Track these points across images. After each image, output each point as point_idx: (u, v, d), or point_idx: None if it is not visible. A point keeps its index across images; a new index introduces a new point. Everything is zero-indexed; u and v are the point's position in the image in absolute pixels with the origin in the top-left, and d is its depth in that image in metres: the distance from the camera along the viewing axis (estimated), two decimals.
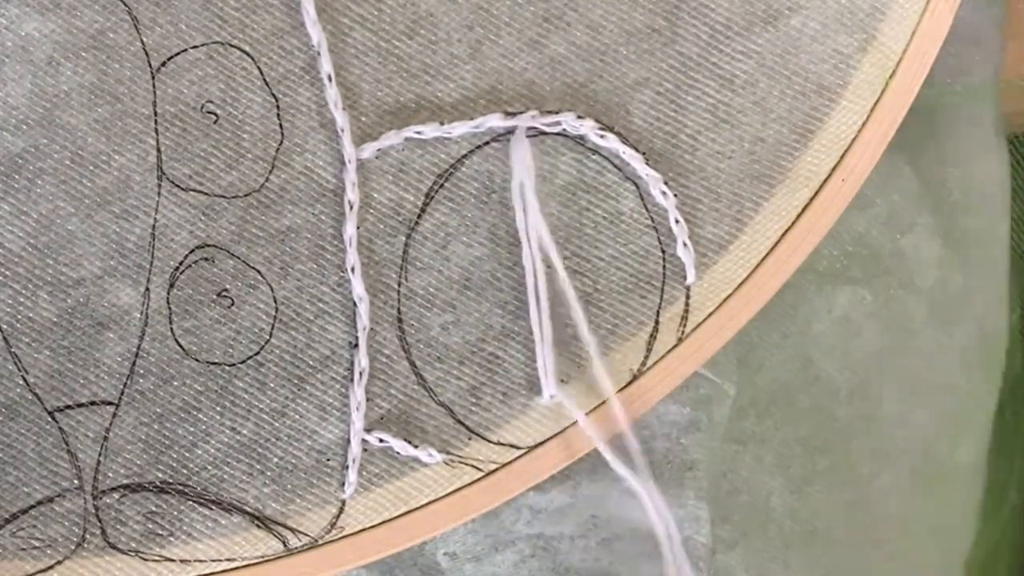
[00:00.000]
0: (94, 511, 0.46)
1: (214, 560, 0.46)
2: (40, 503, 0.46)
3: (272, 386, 0.47)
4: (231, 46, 0.46)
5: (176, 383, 0.46)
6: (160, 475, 0.46)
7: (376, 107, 0.47)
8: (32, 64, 0.45)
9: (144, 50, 0.46)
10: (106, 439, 0.46)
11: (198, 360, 0.46)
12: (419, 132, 0.47)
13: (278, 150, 0.47)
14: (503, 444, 0.48)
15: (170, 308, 0.46)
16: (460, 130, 0.47)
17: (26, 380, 0.46)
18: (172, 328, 0.46)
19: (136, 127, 0.46)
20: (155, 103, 0.46)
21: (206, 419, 0.46)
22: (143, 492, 0.46)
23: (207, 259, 0.46)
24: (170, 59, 0.46)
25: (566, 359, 0.48)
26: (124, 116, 0.46)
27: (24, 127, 0.45)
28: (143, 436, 0.46)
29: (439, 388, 0.48)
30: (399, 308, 0.47)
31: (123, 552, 0.46)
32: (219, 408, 0.46)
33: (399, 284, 0.47)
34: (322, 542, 0.47)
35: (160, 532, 0.46)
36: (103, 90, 0.46)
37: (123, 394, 0.46)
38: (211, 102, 0.46)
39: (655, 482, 0.51)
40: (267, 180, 0.47)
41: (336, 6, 0.47)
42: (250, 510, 0.47)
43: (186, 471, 0.46)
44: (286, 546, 0.47)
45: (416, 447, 0.47)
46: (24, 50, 0.45)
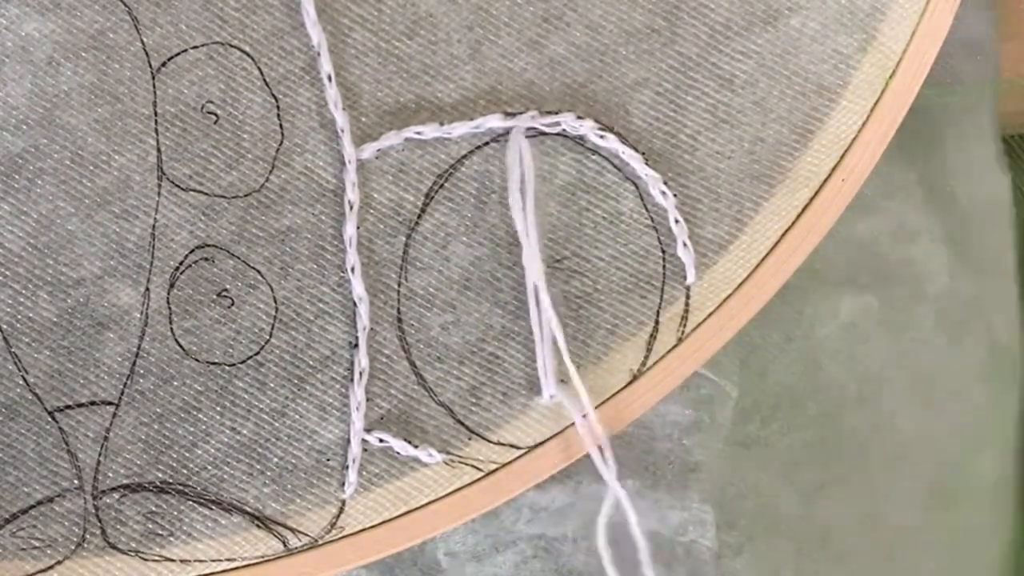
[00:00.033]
0: (94, 511, 0.46)
1: (214, 560, 0.46)
2: (40, 503, 0.46)
3: (272, 386, 0.47)
4: (231, 46, 0.46)
5: (176, 383, 0.46)
6: (160, 475, 0.46)
7: (376, 107, 0.47)
8: (32, 64, 0.46)
9: (144, 50, 0.46)
10: (106, 439, 0.46)
11: (198, 360, 0.46)
12: (419, 132, 0.47)
13: (278, 150, 0.47)
14: (503, 444, 0.48)
15: (170, 308, 0.46)
16: (460, 130, 0.47)
17: (26, 380, 0.46)
18: (172, 328, 0.46)
19: (136, 127, 0.46)
20: (155, 103, 0.46)
21: (206, 419, 0.46)
22: (143, 492, 0.46)
23: (207, 259, 0.46)
24: (170, 59, 0.46)
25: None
26: (124, 116, 0.46)
27: (24, 127, 0.46)
28: (143, 436, 0.46)
29: (439, 388, 0.48)
30: (399, 308, 0.47)
31: (123, 552, 0.46)
32: (219, 408, 0.46)
33: (399, 284, 0.47)
34: (322, 542, 0.47)
35: (160, 532, 0.46)
36: (103, 90, 0.46)
37: (123, 394, 0.46)
38: (211, 102, 0.46)
39: (656, 484, 0.51)
40: (267, 180, 0.47)
41: (336, 7, 0.47)
42: (250, 510, 0.47)
43: (186, 471, 0.46)
44: (286, 546, 0.47)
45: (416, 447, 0.47)
46: (24, 50, 0.45)
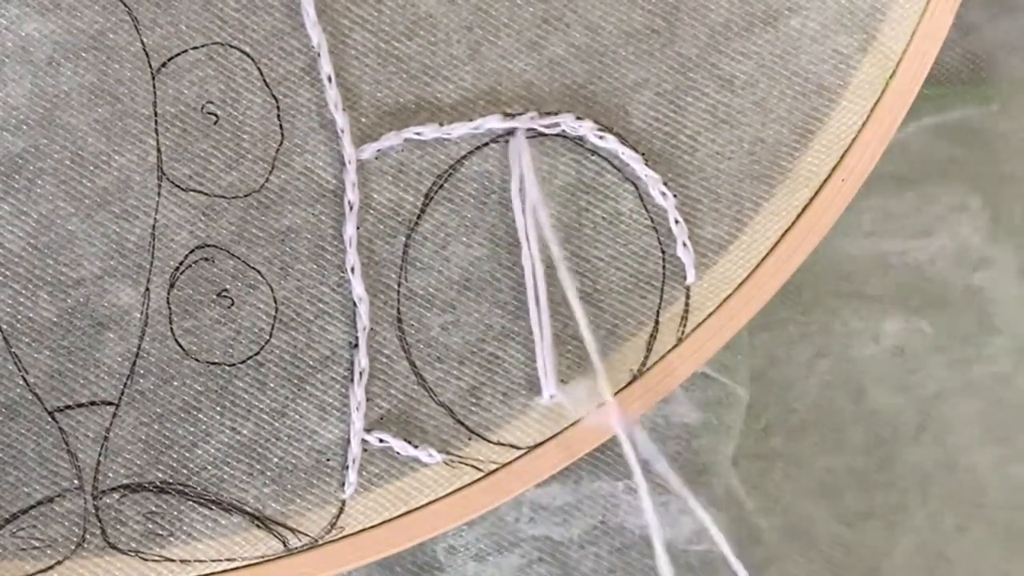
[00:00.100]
0: (94, 511, 0.46)
1: (214, 560, 0.46)
2: (40, 503, 0.46)
3: (272, 386, 0.47)
4: (231, 47, 0.46)
5: (176, 383, 0.46)
6: (160, 475, 0.46)
7: (376, 108, 0.47)
8: (32, 64, 0.46)
9: (144, 50, 0.46)
10: (106, 439, 0.46)
11: (198, 360, 0.46)
12: (419, 133, 0.47)
13: (278, 151, 0.47)
14: (503, 444, 0.48)
15: (170, 308, 0.46)
16: (459, 131, 0.47)
17: (26, 380, 0.46)
18: (172, 328, 0.46)
19: (136, 127, 0.46)
20: (155, 103, 0.46)
21: (206, 419, 0.46)
22: (143, 492, 0.46)
23: (207, 259, 0.46)
24: (170, 60, 0.46)
25: (566, 359, 0.48)
26: (124, 116, 0.46)
27: (24, 127, 0.46)
28: (143, 436, 0.46)
29: (439, 388, 0.48)
30: (399, 308, 0.47)
31: (123, 552, 0.46)
32: (219, 408, 0.46)
33: (399, 284, 0.47)
34: (322, 542, 0.47)
35: (160, 532, 0.46)
36: (103, 90, 0.46)
37: (123, 394, 0.46)
38: (211, 103, 0.46)
39: (663, 487, 0.51)
40: (267, 180, 0.47)
41: (336, 7, 0.47)
42: (250, 510, 0.47)
43: (186, 471, 0.46)
44: (286, 546, 0.47)
45: (416, 447, 0.47)
46: (24, 50, 0.46)
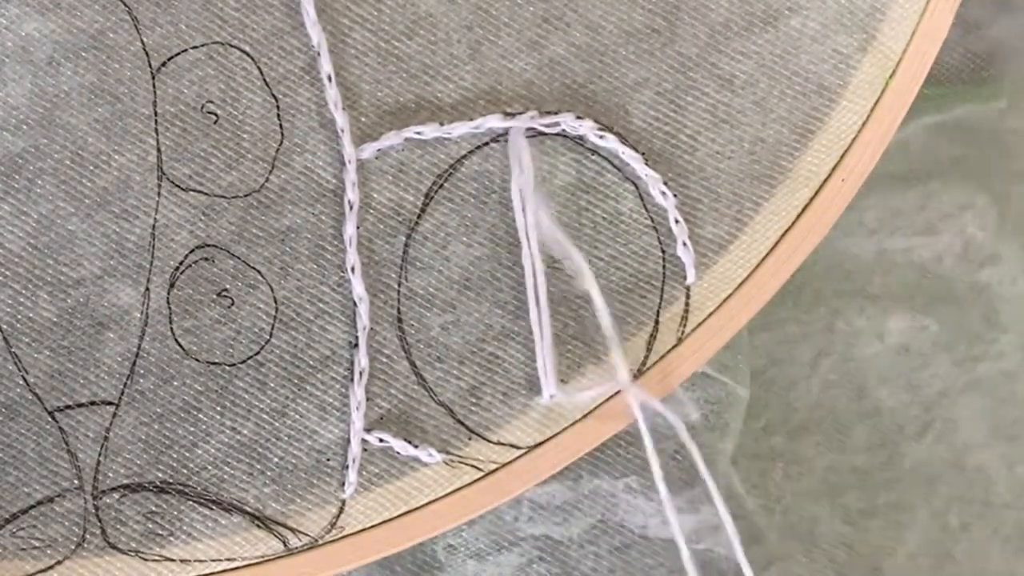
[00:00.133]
0: (94, 511, 0.46)
1: (214, 560, 0.46)
2: (40, 503, 0.46)
3: (272, 386, 0.47)
4: (231, 46, 0.46)
5: (176, 383, 0.46)
6: (160, 475, 0.46)
7: (376, 107, 0.47)
8: (32, 64, 0.45)
9: (144, 50, 0.46)
10: (106, 439, 0.46)
11: (198, 360, 0.46)
12: (419, 132, 0.47)
13: (278, 150, 0.47)
14: (503, 444, 0.48)
15: (170, 308, 0.46)
16: (460, 131, 0.47)
17: (26, 380, 0.46)
18: (172, 328, 0.46)
19: (136, 127, 0.46)
20: (155, 103, 0.46)
21: (206, 419, 0.46)
22: (143, 492, 0.46)
23: (207, 259, 0.46)
24: (170, 59, 0.46)
25: (566, 359, 0.48)
26: (124, 116, 0.46)
27: (24, 127, 0.46)
28: (143, 436, 0.46)
29: (439, 388, 0.48)
30: (399, 308, 0.47)
31: (123, 552, 0.46)
32: (219, 408, 0.46)
33: (399, 284, 0.47)
34: (322, 542, 0.47)
35: (160, 532, 0.46)
36: (103, 90, 0.46)
37: (123, 394, 0.46)
38: (211, 102, 0.46)
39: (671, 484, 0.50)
40: (267, 180, 0.47)
41: (336, 7, 0.47)
42: (250, 510, 0.47)
43: (186, 471, 0.46)
44: (286, 546, 0.47)
45: (416, 447, 0.47)
46: (24, 50, 0.45)
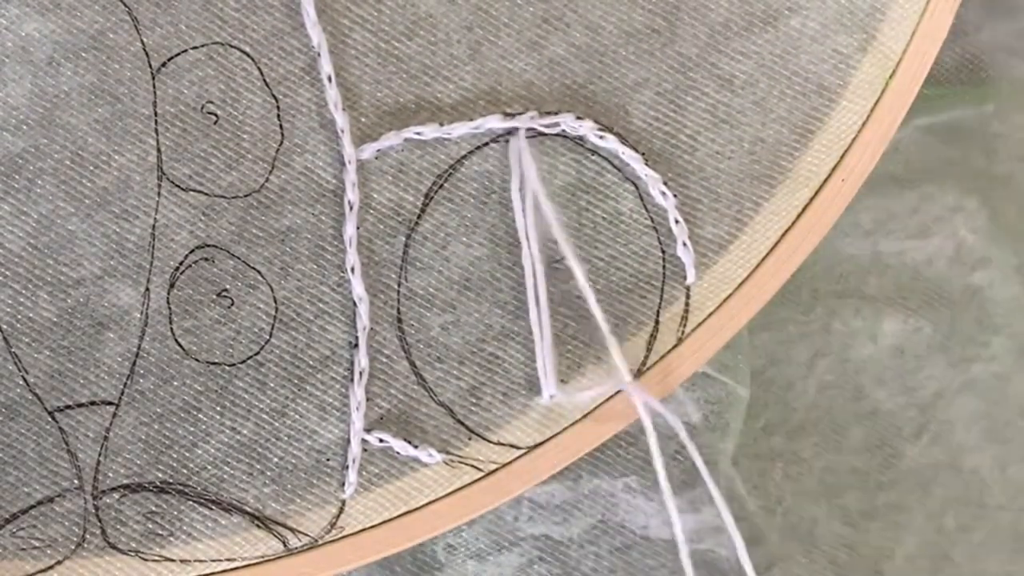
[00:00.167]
0: (94, 511, 0.46)
1: (214, 560, 0.46)
2: (40, 503, 0.46)
3: (272, 386, 0.47)
4: (231, 47, 0.46)
5: (176, 383, 0.46)
6: (160, 475, 0.46)
7: (376, 108, 0.47)
8: (32, 64, 0.46)
9: (144, 50, 0.46)
10: (106, 439, 0.46)
11: (198, 360, 0.46)
12: (419, 133, 0.47)
13: (278, 151, 0.47)
14: (503, 444, 0.48)
15: (170, 308, 0.46)
16: (459, 131, 0.47)
17: (26, 380, 0.46)
18: (172, 328, 0.46)
19: (136, 127, 0.46)
20: (155, 103, 0.46)
21: (206, 419, 0.46)
22: (143, 492, 0.46)
23: (207, 259, 0.46)
24: (170, 59, 0.46)
25: (566, 359, 0.48)
26: (124, 116, 0.46)
27: (24, 127, 0.46)
28: (143, 436, 0.46)
29: (439, 388, 0.48)
30: (399, 308, 0.47)
31: (123, 552, 0.46)
32: (219, 408, 0.46)
33: (399, 284, 0.47)
34: (322, 542, 0.47)
35: (160, 532, 0.46)
36: (103, 90, 0.46)
37: (123, 394, 0.46)
38: (211, 102, 0.46)
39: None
40: (267, 180, 0.47)
41: (336, 7, 0.47)
42: (250, 510, 0.47)
43: (186, 471, 0.46)
44: (286, 546, 0.47)
45: (416, 447, 0.47)
46: (24, 50, 0.45)
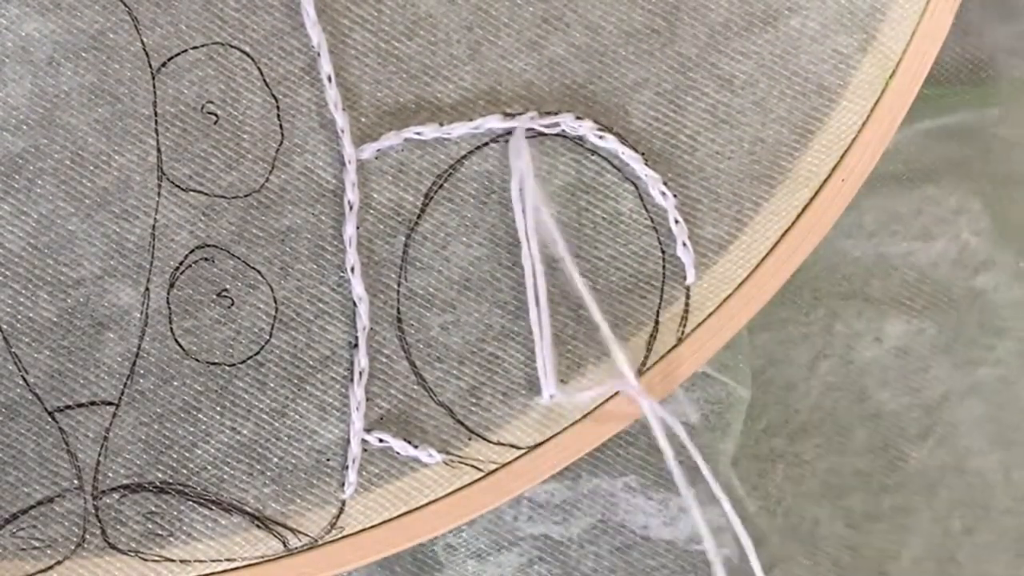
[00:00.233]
0: (94, 511, 0.46)
1: (214, 560, 0.46)
2: (40, 503, 0.46)
3: (272, 386, 0.47)
4: (231, 47, 0.46)
5: (176, 383, 0.46)
6: (160, 475, 0.46)
7: (376, 108, 0.47)
8: (32, 64, 0.46)
9: (144, 50, 0.46)
10: (106, 439, 0.46)
11: (198, 360, 0.46)
12: (419, 133, 0.47)
13: (278, 150, 0.47)
14: (503, 444, 0.48)
15: (170, 308, 0.46)
16: (459, 131, 0.47)
17: (26, 380, 0.46)
18: (172, 328, 0.46)
19: (136, 127, 0.46)
20: (155, 103, 0.46)
21: (206, 419, 0.46)
22: (143, 492, 0.46)
23: (207, 259, 0.46)
24: (170, 59, 0.46)
25: (566, 359, 0.48)
26: (124, 116, 0.46)
27: (24, 127, 0.46)
28: (143, 436, 0.46)
29: (439, 388, 0.48)
30: (399, 308, 0.47)
31: (123, 552, 0.46)
32: (219, 408, 0.46)
33: (399, 284, 0.47)
34: (322, 542, 0.47)
35: (160, 532, 0.46)
36: (103, 90, 0.46)
37: (123, 394, 0.46)
38: (211, 102, 0.46)
39: (661, 484, 0.50)
40: (267, 180, 0.47)
41: (336, 7, 0.47)
42: (250, 510, 0.47)
43: (186, 471, 0.46)
44: (286, 546, 0.47)
45: (416, 447, 0.47)
46: (24, 50, 0.46)
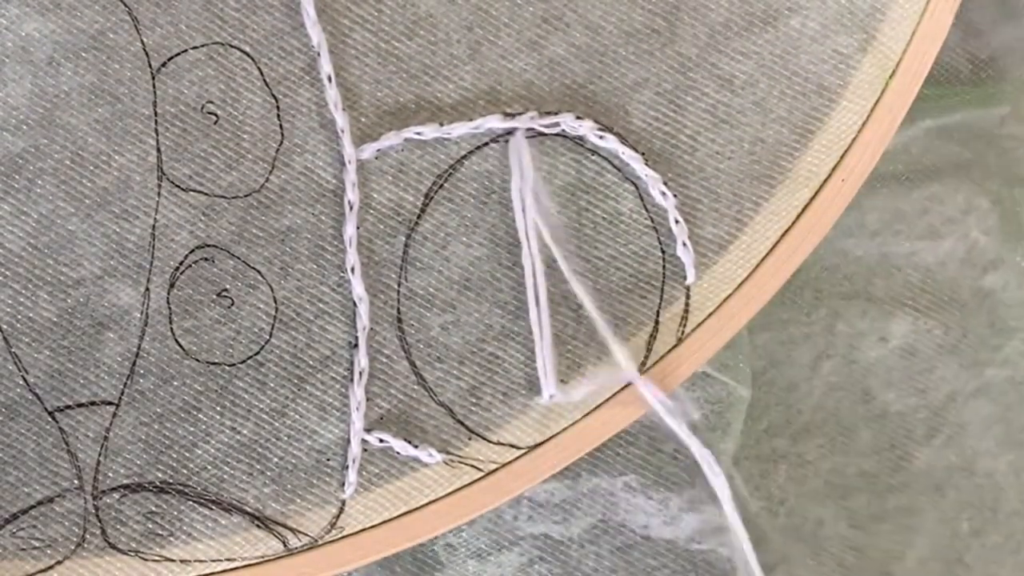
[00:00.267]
0: (94, 511, 0.46)
1: (214, 560, 0.46)
2: (40, 503, 0.46)
3: (272, 386, 0.47)
4: (231, 47, 0.46)
5: (176, 383, 0.46)
6: (160, 475, 0.46)
7: (376, 108, 0.47)
8: (32, 64, 0.46)
9: (144, 50, 0.46)
10: (106, 439, 0.46)
11: (198, 360, 0.46)
12: (419, 133, 0.47)
13: (278, 150, 0.47)
14: (503, 444, 0.48)
15: (170, 308, 0.46)
16: (459, 131, 0.47)
17: (26, 380, 0.46)
18: (172, 328, 0.46)
19: (136, 127, 0.46)
20: (155, 103, 0.46)
21: (206, 419, 0.46)
22: (143, 492, 0.46)
23: (207, 259, 0.46)
24: (170, 59, 0.46)
25: (566, 359, 0.48)
26: (124, 116, 0.46)
27: (24, 127, 0.46)
28: (143, 436, 0.46)
29: (439, 388, 0.48)
30: (399, 308, 0.47)
31: (123, 552, 0.46)
32: (219, 408, 0.46)
33: (399, 284, 0.47)
34: (322, 542, 0.47)
35: (160, 532, 0.46)
36: (103, 90, 0.46)
37: (123, 394, 0.46)
38: (211, 102, 0.46)
39: (662, 483, 0.50)
40: (267, 180, 0.47)
41: (336, 7, 0.47)
42: (250, 510, 0.47)
43: (186, 471, 0.46)
44: (286, 546, 0.47)
45: (416, 447, 0.47)
46: (24, 50, 0.45)
